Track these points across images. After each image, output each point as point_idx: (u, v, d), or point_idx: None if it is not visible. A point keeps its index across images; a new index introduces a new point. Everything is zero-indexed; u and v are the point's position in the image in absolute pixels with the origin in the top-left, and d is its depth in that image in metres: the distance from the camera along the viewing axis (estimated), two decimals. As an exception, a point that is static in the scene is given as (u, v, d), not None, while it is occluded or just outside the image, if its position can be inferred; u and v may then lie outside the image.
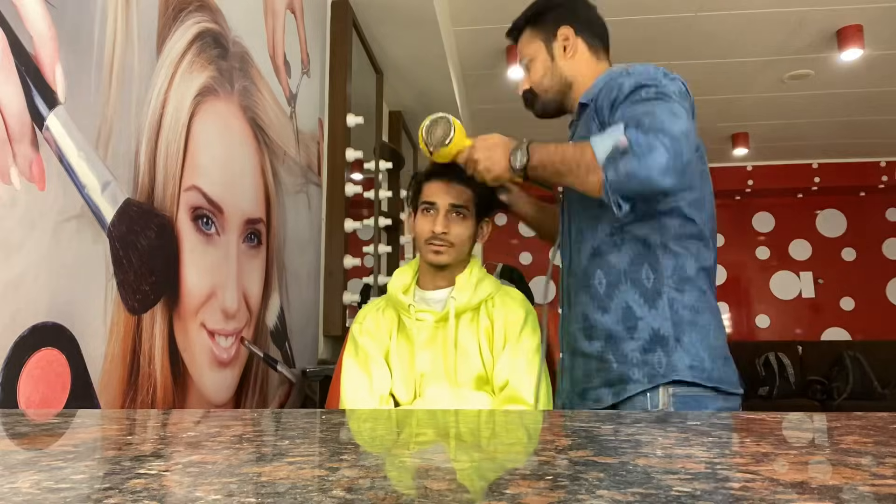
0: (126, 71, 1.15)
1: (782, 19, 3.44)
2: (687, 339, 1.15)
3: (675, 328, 1.16)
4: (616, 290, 1.20)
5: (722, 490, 0.32)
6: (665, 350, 1.15)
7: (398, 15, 2.82)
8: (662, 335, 1.15)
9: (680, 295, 1.17)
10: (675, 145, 1.02)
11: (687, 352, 1.15)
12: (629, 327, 1.18)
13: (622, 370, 1.17)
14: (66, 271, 0.99)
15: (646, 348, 1.16)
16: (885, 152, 5.78)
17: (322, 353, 2.33)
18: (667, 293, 1.17)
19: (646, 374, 1.15)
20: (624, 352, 1.18)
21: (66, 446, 0.49)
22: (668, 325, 1.16)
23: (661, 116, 1.05)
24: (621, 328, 1.18)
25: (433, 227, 1.35)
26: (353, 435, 0.60)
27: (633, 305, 1.18)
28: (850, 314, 5.97)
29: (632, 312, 1.18)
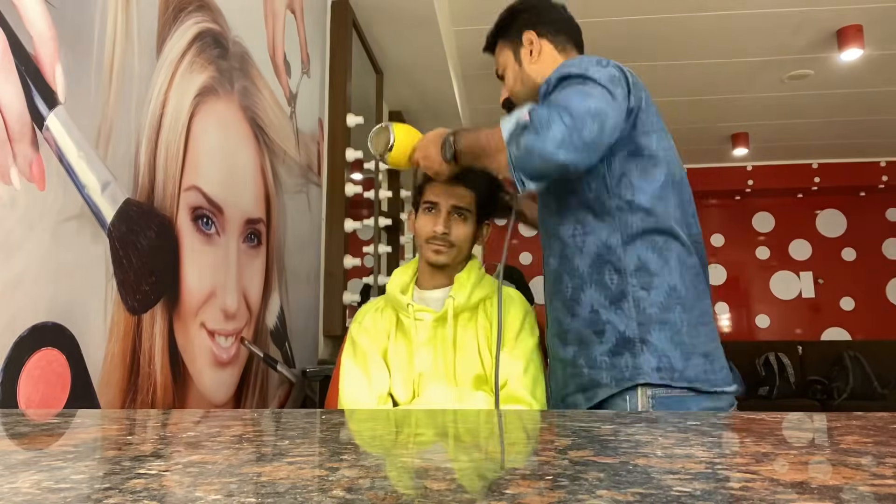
0: (126, 71, 1.15)
1: (782, 19, 3.44)
2: (654, 338, 1.12)
3: (641, 328, 1.12)
4: (582, 294, 1.18)
5: (722, 490, 0.32)
6: (631, 352, 1.12)
7: (398, 15, 2.82)
8: (628, 337, 1.13)
9: (646, 293, 1.13)
10: (575, 121, 1.01)
11: (653, 353, 1.11)
12: (597, 331, 1.15)
13: (592, 375, 1.16)
14: (66, 271, 0.99)
15: (613, 351, 1.14)
16: (885, 152, 5.78)
17: (322, 353, 2.33)
18: (632, 293, 1.14)
19: (613, 378, 1.13)
20: (593, 356, 1.16)
21: (66, 446, 0.49)
22: (633, 326, 1.13)
23: (569, 96, 1.05)
24: (590, 332, 1.16)
25: (434, 227, 1.35)
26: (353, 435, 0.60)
27: (599, 308, 1.15)
28: (850, 314, 5.96)
29: (598, 316, 1.15)
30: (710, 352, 1.16)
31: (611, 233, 1.15)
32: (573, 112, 1.01)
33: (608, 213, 1.16)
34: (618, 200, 1.15)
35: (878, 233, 6.08)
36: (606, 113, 1.04)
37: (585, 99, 1.04)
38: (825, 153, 5.79)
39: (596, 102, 1.04)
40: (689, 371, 1.12)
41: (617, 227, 1.15)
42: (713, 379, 1.14)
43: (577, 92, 1.05)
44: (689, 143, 5.43)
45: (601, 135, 1.03)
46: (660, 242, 1.15)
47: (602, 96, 1.05)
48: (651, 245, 1.15)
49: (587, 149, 1.02)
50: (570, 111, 1.02)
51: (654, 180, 1.16)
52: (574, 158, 1.02)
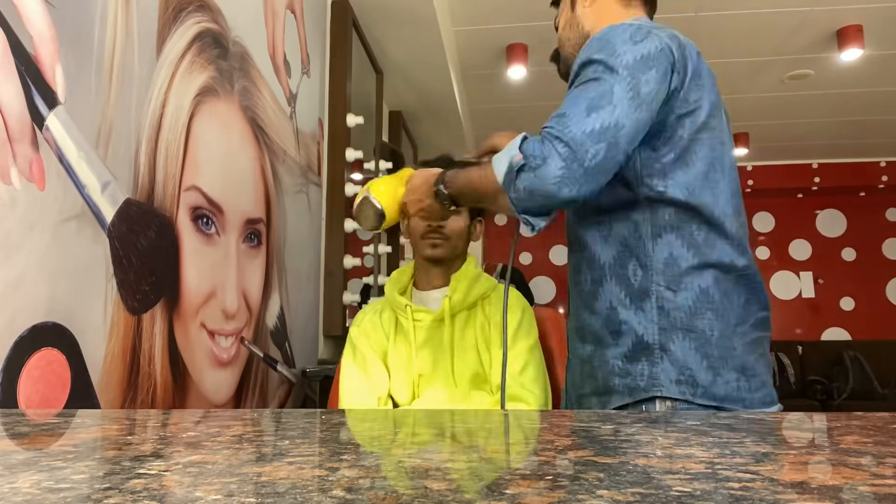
0: (126, 71, 1.15)
1: (782, 19, 3.44)
2: (677, 347, 0.98)
3: (662, 334, 0.99)
4: (601, 289, 1.05)
5: (722, 490, 0.32)
6: (649, 360, 0.99)
7: (398, 15, 2.82)
8: (647, 343, 0.99)
9: (672, 294, 0.99)
10: (572, 151, 0.89)
11: (674, 363, 0.98)
12: (613, 332, 1.03)
13: (606, 379, 1.04)
14: (66, 271, 0.99)
15: (629, 356, 1.01)
16: (885, 152, 5.78)
17: (322, 353, 2.33)
18: (656, 292, 1.00)
19: (626, 386, 1.01)
20: (607, 359, 1.04)
21: (66, 446, 0.49)
22: (653, 331, 0.99)
23: (568, 116, 0.92)
24: (606, 332, 1.04)
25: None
26: (353, 435, 0.60)
27: (618, 306, 1.03)
28: (850, 314, 5.97)
29: (616, 315, 1.03)
30: (749, 366, 0.99)
31: (640, 222, 1.02)
32: (568, 141, 0.90)
33: (638, 201, 1.02)
34: (648, 190, 1.01)
35: (878, 233, 6.08)
36: (617, 125, 0.92)
37: (587, 117, 0.91)
38: (825, 153, 5.79)
39: (603, 117, 0.91)
40: (718, 388, 0.97)
41: (648, 217, 1.01)
42: (748, 399, 0.98)
43: (582, 106, 0.92)
44: (689, 143, 5.42)
45: (609, 154, 0.91)
46: (698, 238, 1.00)
47: (618, 99, 0.92)
48: (687, 239, 1.00)
49: (592, 177, 0.91)
50: (565, 140, 0.90)
51: (692, 168, 1.01)
52: (579, 192, 0.91)
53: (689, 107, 1.00)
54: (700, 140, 1.01)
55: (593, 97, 0.93)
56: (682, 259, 1.00)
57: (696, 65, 1.02)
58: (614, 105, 0.92)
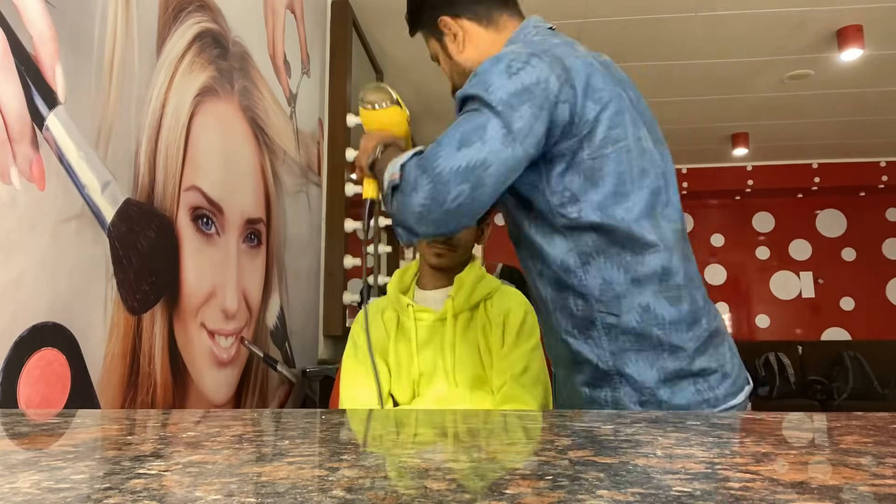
0: (126, 71, 1.15)
1: (782, 19, 3.44)
2: (632, 369, 0.97)
3: (616, 359, 0.97)
4: (553, 320, 1.05)
5: (722, 490, 0.32)
6: (610, 386, 0.98)
7: (398, 15, 2.80)
8: (603, 370, 0.98)
9: (616, 318, 0.97)
10: (437, 189, 0.89)
11: (633, 386, 0.97)
12: (575, 361, 1.02)
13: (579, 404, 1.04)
14: (66, 271, 0.99)
15: (591, 384, 1.01)
16: (885, 152, 5.78)
17: (322, 353, 2.33)
18: (600, 319, 0.98)
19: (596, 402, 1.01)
20: (576, 385, 1.03)
21: (66, 446, 0.49)
22: (606, 357, 0.98)
23: (441, 147, 0.92)
24: (569, 361, 1.04)
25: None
26: (353, 435, 0.60)
27: (569, 339, 1.02)
28: (850, 314, 5.96)
29: (569, 347, 1.02)
30: (706, 366, 0.98)
31: (566, 253, 1.00)
32: (435, 178, 0.90)
33: (559, 232, 1.00)
34: (563, 220, 0.98)
35: (878, 233, 6.08)
36: (484, 163, 0.90)
37: (459, 148, 0.90)
38: (825, 153, 5.79)
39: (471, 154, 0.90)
40: (679, 399, 0.97)
41: (572, 247, 0.99)
42: (711, 398, 0.98)
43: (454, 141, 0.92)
44: (689, 143, 5.43)
45: (473, 195, 0.90)
46: (626, 256, 0.97)
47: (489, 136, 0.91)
48: (615, 260, 0.98)
49: (452, 218, 0.91)
50: (432, 176, 0.90)
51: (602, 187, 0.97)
52: (436, 230, 0.93)
53: (587, 127, 0.97)
54: (605, 157, 0.98)
55: (466, 130, 0.92)
56: (616, 282, 0.97)
57: (587, 81, 0.97)
58: (484, 142, 0.91)
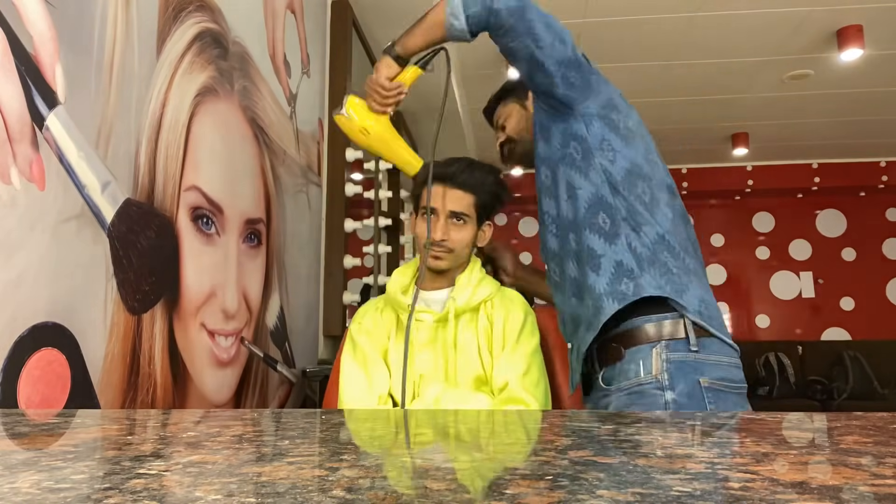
0: (126, 71, 1.15)
1: (782, 19, 3.44)
2: (649, 270, 1.20)
3: (637, 260, 1.20)
4: (580, 239, 1.25)
5: (722, 490, 0.32)
6: (630, 277, 1.20)
7: (398, 15, 2.81)
8: (626, 266, 1.20)
9: (636, 235, 1.21)
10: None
11: (653, 277, 1.19)
12: (594, 266, 1.23)
13: (596, 305, 1.21)
14: (66, 271, 0.99)
15: (611, 280, 1.21)
16: (885, 152, 5.78)
17: (322, 353, 2.33)
18: (623, 233, 1.21)
19: (616, 299, 1.19)
20: (594, 289, 1.22)
21: (66, 446, 0.49)
22: (629, 258, 1.20)
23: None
24: (588, 270, 1.23)
25: (433, 234, 1.35)
26: (353, 435, 0.60)
27: (595, 246, 1.23)
28: (850, 314, 5.97)
29: (594, 252, 1.23)
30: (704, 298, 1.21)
31: (600, 185, 1.23)
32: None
33: (595, 169, 1.24)
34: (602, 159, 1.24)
35: (878, 233, 6.08)
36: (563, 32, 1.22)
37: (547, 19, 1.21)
38: (825, 153, 5.79)
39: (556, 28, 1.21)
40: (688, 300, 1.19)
41: (605, 180, 1.23)
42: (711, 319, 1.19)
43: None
44: (690, 143, 5.43)
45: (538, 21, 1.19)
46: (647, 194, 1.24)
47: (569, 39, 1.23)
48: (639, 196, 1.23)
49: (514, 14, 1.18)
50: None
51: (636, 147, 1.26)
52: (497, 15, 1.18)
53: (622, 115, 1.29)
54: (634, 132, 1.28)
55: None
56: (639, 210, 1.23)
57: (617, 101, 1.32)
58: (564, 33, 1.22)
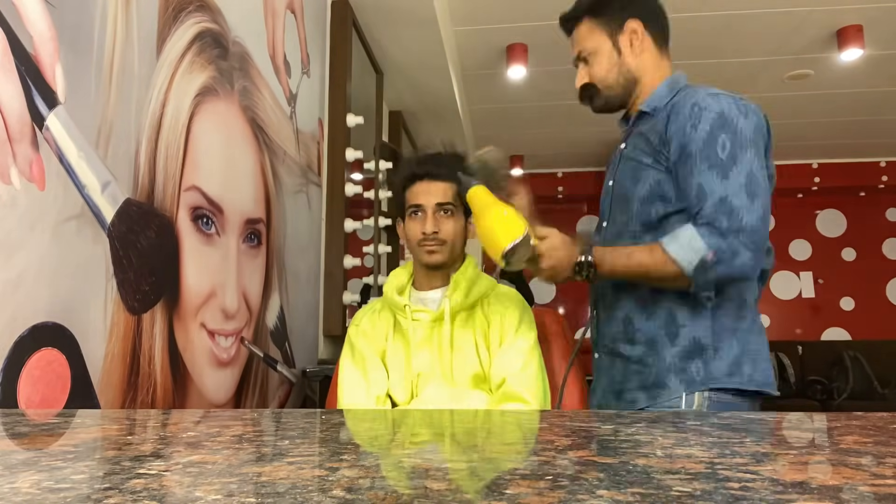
0: (126, 71, 1.15)
1: (782, 19, 3.44)
2: (726, 346, 1.16)
3: (715, 336, 1.17)
4: (661, 296, 1.20)
5: (722, 490, 0.32)
6: (703, 359, 1.16)
7: (398, 15, 2.82)
8: (703, 344, 1.17)
9: (722, 302, 1.17)
10: (755, 238, 1.08)
11: (724, 360, 1.16)
12: (671, 333, 1.19)
13: (660, 376, 1.19)
14: (66, 271, 0.99)
15: (685, 356, 1.17)
16: (885, 152, 5.78)
17: (322, 353, 2.33)
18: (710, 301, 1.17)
19: (683, 381, 1.17)
20: (664, 357, 1.19)
21: (66, 446, 0.49)
22: (708, 334, 1.17)
23: (737, 208, 1.08)
24: (663, 333, 1.20)
25: (423, 227, 1.35)
26: (353, 435, 0.60)
27: (677, 313, 1.19)
28: (850, 314, 5.96)
29: (674, 319, 1.19)
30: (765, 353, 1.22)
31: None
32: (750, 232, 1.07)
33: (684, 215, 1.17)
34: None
35: (878, 233, 6.08)
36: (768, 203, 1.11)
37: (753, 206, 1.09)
38: (825, 153, 5.79)
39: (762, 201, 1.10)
40: (758, 375, 1.17)
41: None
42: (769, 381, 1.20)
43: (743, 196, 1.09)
44: (689, 143, 5.42)
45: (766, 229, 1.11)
46: None
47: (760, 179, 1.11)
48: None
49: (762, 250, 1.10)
50: (746, 232, 1.07)
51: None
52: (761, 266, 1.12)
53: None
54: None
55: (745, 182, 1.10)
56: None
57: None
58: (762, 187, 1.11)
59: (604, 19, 1.28)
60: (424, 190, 1.37)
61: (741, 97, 1.18)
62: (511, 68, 3.77)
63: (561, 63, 3.87)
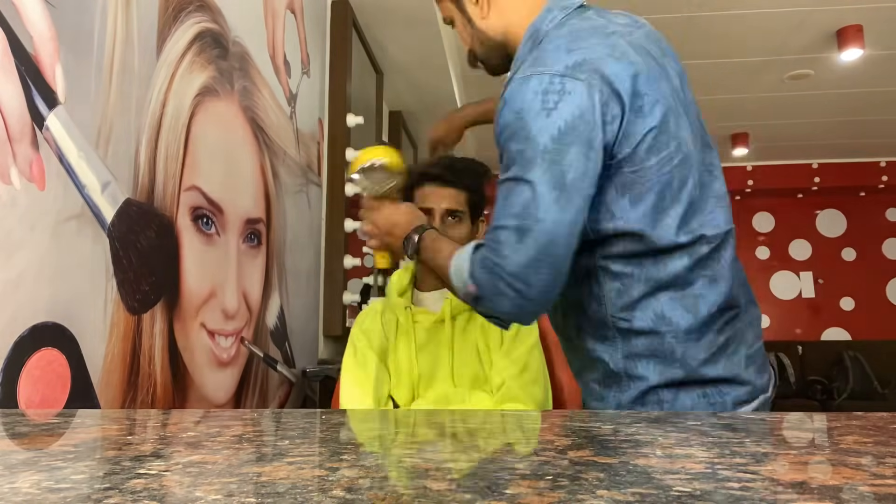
0: (126, 71, 1.15)
1: (782, 19, 3.44)
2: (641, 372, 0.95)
3: (626, 362, 0.96)
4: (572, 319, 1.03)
5: (722, 490, 0.32)
6: (619, 387, 0.97)
7: (398, 15, 2.81)
8: (613, 371, 0.97)
9: (628, 324, 0.94)
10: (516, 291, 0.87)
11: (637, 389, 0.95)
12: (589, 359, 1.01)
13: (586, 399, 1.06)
14: (66, 271, 0.99)
15: (602, 382, 1.00)
16: (885, 152, 5.78)
17: (322, 353, 2.33)
18: (614, 323, 0.96)
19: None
20: (585, 381, 1.04)
21: (66, 446, 0.49)
22: (618, 359, 0.96)
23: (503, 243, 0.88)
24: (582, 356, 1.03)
25: None
26: (353, 435, 0.60)
27: (585, 336, 1.00)
28: (850, 314, 5.96)
29: (584, 343, 1.01)
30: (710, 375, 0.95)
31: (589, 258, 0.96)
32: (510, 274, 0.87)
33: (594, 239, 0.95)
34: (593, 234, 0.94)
35: (878, 233, 6.08)
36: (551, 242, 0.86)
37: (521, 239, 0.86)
38: (825, 153, 5.79)
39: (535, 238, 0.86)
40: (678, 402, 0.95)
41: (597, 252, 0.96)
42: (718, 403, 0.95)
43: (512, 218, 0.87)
44: (689, 143, 5.42)
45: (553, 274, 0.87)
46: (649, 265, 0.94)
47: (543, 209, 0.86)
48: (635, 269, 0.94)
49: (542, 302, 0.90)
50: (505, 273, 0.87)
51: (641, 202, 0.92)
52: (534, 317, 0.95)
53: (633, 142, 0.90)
54: (647, 168, 0.91)
55: (518, 212, 0.87)
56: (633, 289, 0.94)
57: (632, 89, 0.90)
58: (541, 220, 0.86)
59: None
60: (436, 194, 1.36)
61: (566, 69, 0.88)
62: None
63: (561, 63, 3.87)
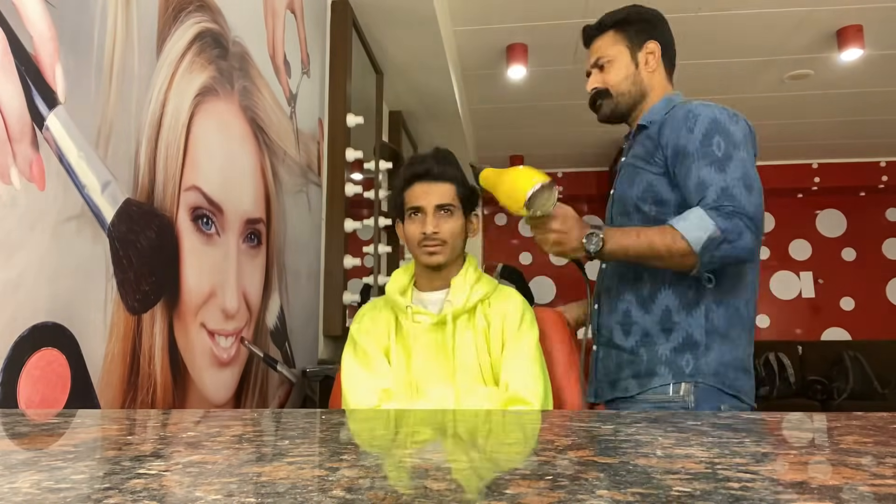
0: (126, 71, 1.15)
1: (782, 19, 3.44)
2: (716, 347, 1.25)
3: (708, 336, 1.25)
4: (659, 293, 1.29)
5: (722, 490, 0.32)
6: (694, 354, 1.25)
7: (398, 15, 2.81)
8: (695, 340, 1.26)
9: (717, 307, 1.26)
10: (756, 222, 1.16)
11: (712, 359, 1.25)
12: (665, 329, 1.28)
13: (651, 366, 1.28)
14: (66, 271, 0.99)
15: (676, 350, 1.26)
16: (885, 152, 5.78)
17: (322, 353, 2.33)
18: (705, 304, 1.26)
19: (671, 372, 1.26)
20: (656, 350, 1.28)
21: (66, 446, 0.49)
22: (701, 333, 1.25)
23: (738, 196, 1.16)
24: (658, 329, 1.29)
25: (423, 228, 1.35)
26: (353, 435, 0.60)
27: (673, 310, 1.28)
28: (850, 314, 5.96)
29: (670, 316, 1.28)
30: (751, 369, 1.31)
31: None
32: (752, 216, 1.15)
33: None
34: None
35: (878, 233, 6.07)
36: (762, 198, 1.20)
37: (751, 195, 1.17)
38: (825, 153, 5.79)
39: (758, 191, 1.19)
40: (738, 382, 1.27)
41: None
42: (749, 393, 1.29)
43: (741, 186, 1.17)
44: (689, 143, 5.42)
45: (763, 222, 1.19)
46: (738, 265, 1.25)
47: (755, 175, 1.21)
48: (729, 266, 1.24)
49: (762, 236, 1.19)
50: (748, 215, 1.15)
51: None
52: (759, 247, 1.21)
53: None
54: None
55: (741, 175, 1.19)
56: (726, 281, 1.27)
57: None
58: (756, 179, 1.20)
59: (628, 34, 1.41)
60: (424, 191, 1.37)
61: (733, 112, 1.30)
62: (511, 68, 3.77)
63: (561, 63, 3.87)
